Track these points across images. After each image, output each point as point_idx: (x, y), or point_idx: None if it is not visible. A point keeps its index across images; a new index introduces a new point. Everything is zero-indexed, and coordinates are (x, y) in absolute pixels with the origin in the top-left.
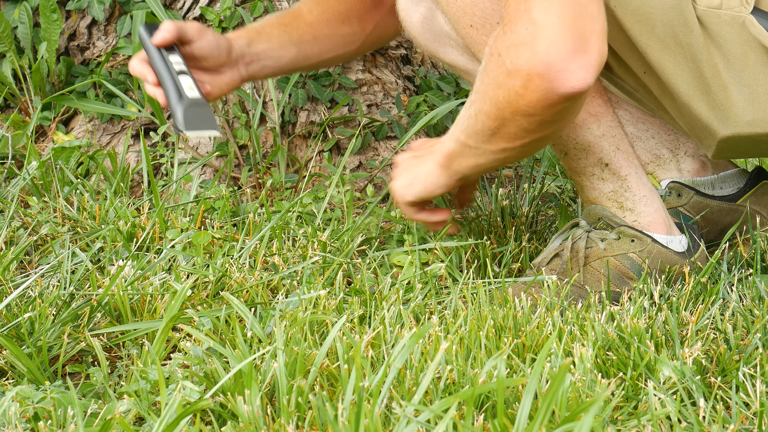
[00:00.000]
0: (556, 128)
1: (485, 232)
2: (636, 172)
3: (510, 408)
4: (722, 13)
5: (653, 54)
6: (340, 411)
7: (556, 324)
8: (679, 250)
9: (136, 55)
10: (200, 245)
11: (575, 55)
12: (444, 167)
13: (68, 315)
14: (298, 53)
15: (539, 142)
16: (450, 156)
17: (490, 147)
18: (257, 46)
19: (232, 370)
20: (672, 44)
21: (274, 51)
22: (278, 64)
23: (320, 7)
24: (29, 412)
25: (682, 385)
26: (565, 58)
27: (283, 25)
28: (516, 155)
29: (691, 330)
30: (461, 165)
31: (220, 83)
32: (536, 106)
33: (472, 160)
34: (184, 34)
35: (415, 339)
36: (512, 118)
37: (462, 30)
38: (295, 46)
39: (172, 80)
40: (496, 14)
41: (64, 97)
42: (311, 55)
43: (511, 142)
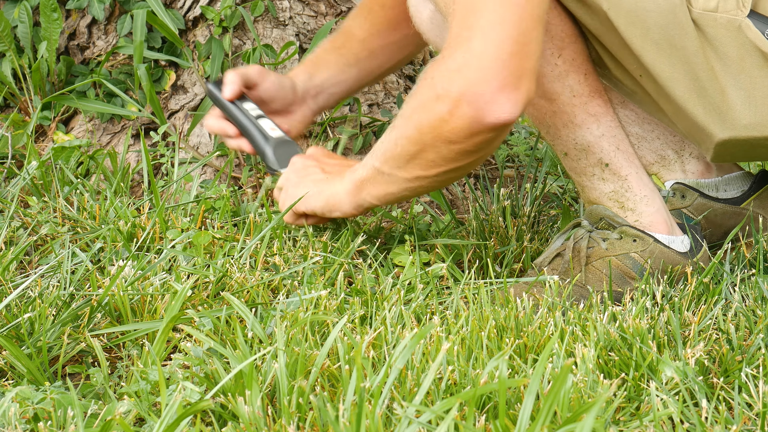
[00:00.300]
0: (473, 160)
1: (487, 232)
2: (637, 172)
3: (512, 409)
4: (718, 16)
5: (648, 57)
6: (341, 412)
7: (557, 324)
8: (682, 251)
9: (210, 113)
10: (201, 245)
11: (505, 89)
12: (352, 195)
13: (68, 315)
14: (359, 72)
15: (453, 172)
16: (360, 183)
17: (404, 174)
18: (318, 76)
19: (232, 370)
20: (667, 47)
21: (336, 77)
22: (343, 88)
23: (368, 21)
24: (29, 412)
25: (685, 386)
26: (495, 91)
27: (337, 49)
28: (427, 186)
29: (694, 330)
30: (370, 193)
31: (294, 122)
32: (459, 134)
33: (382, 187)
34: (247, 80)
35: (416, 339)
36: (433, 144)
37: None
38: (354, 67)
39: (254, 126)
40: None
41: (64, 97)
42: (372, 70)
43: (426, 170)
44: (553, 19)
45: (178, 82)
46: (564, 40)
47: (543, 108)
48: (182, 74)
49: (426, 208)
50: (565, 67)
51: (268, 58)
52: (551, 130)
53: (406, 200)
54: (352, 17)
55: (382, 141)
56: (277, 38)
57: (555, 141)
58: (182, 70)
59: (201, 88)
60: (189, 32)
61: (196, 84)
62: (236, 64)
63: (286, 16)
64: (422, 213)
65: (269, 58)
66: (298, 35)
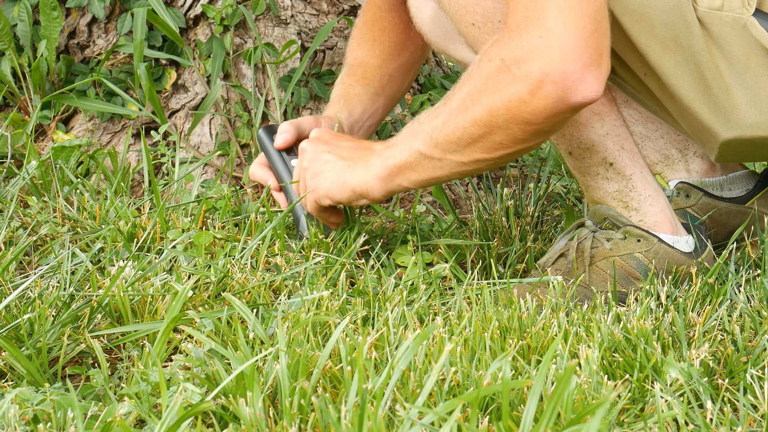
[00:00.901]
0: (541, 140)
1: (490, 232)
2: (641, 171)
3: (515, 410)
4: (723, 14)
5: (653, 55)
6: (343, 413)
7: (561, 325)
8: (686, 251)
9: (256, 160)
10: (202, 245)
11: (590, 67)
12: (383, 180)
13: (68, 316)
14: (385, 99)
15: (516, 154)
16: (398, 168)
17: (460, 158)
18: (356, 112)
19: (234, 371)
20: (672, 45)
21: (370, 109)
22: (377, 119)
23: (377, 47)
24: (29, 414)
25: (689, 387)
26: (583, 69)
27: (361, 80)
28: (481, 168)
29: (698, 331)
30: (408, 178)
31: None
32: (540, 114)
33: (428, 172)
34: (301, 131)
35: (419, 340)
36: (505, 125)
37: (464, 29)
38: (381, 96)
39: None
40: (498, 12)
41: (63, 96)
42: (395, 95)
43: (490, 153)
44: None
45: (179, 81)
46: None
47: None
48: (183, 73)
49: (429, 208)
50: None
51: (270, 57)
52: None
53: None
54: (358, 47)
55: (422, 124)
56: (279, 37)
57: (559, 140)
58: (183, 69)
59: (202, 87)
60: (190, 31)
61: (197, 83)
62: (237, 62)
63: (287, 15)
64: (425, 213)
65: (270, 57)
66: (299, 34)
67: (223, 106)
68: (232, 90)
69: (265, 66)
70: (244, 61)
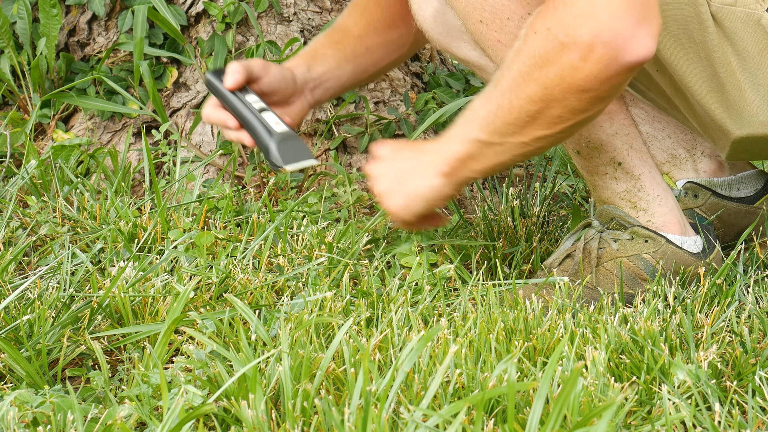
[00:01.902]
0: (600, 108)
1: (495, 232)
2: (650, 171)
3: (521, 413)
4: (737, 10)
5: (666, 51)
6: (346, 416)
7: (568, 327)
8: (694, 251)
9: (208, 102)
10: (203, 246)
11: (641, 23)
12: (449, 176)
13: (68, 317)
14: (354, 68)
15: (577, 126)
16: (460, 161)
17: (520, 139)
18: (316, 69)
19: (236, 373)
20: (685, 41)
21: (333, 71)
22: (338, 83)
23: (364, 18)
24: (28, 416)
25: (697, 390)
26: (633, 26)
27: (335, 43)
28: (544, 146)
29: (706, 333)
30: (474, 168)
31: (292, 114)
32: (595, 79)
33: (491, 159)
34: (250, 72)
35: (423, 342)
36: (562, 97)
37: (471, 26)
38: (350, 63)
39: (257, 119)
40: (506, 9)
41: (63, 94)
42: (367, 67)
43: (550, 128)
44: None
45: (180, 80)
46: None
47: None
48: (184, 71)
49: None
50: None
51: (272, 55)
52: None
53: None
54: (348, 14)
55: (476, 112)
56: (281, 34)
57: (567, 139)
58: (184, 67)
59: (203, 86)
60: (191, 28)
61: (199, 81)
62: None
63: (290, 12)
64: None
65: (273, 55)
66: (302, 31)
67: None
68: None
69: None
70: (246, 59)
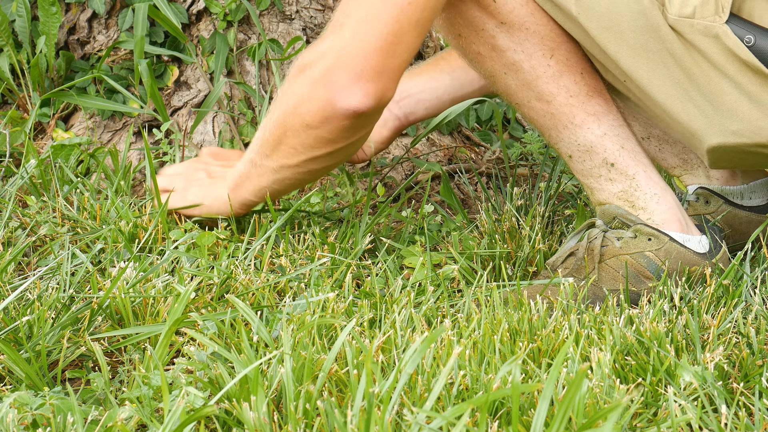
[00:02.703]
0: (331, 151)
1: (500, 232)
2: (645, 170)
3: (525, 415)
4: (695, 22)
5: (625, 62)
6: (349, 418)
7: (572, 328)
8: (699, 251)
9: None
10: (204, 246)
11: (360, 80)
12: (234, 192)
13: (68, 318)
14: (452, 81)
15: (314, 163)
16: (240, 179)
17: (270, 163)
18: (405, 83)
19: (237, 375)
20: (642, 51)
21: (425, 83)
22: (433, 96)
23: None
24: (27, 419)
25: (704, 391)
26: (351, 79)
27: (432, 62)
28: (293, 179)
29: (713, 334)
30: (247, 189)
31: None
32: (316, 115)
33: (255, 181)
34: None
35: (426, 343)
36: (294, 127)
37: (453, 41)
38: (447, 75)
39: None
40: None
41: (63, 93)
42: (468, 81)
43: (289, 158)
44: (540, 20)
45: (182, 78)
46: (555, 41)
47: (541, 110)
48: (185, 70)
49: (437, 208)
50: (558, 67)
51: (274, 54)
52: (553, 132)
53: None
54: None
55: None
56: (284, 33)
57: (558, 144)
58: (185, 65)
59: (205, 84)
60: (192, 27)
61: (200, 80)
62: (241, 59)
63: (292, 10)
64: (433, 213)
65: (275, 54)
66: (305, 30)
67: (227, 104)
68: (235, 87)
69: (269, 63)
70: (247, 57)
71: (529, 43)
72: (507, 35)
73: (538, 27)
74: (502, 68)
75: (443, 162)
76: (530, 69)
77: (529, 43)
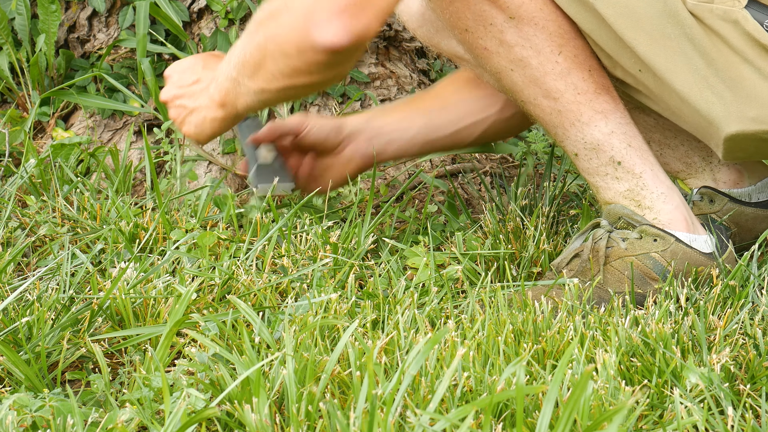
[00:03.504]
0: (307, 82)
1: (504, 233)
2: (652, 169)
3: (530, 417)
4: (714, 7)
5: (642, 48)
6: (352, 420)
7: (577, 329)
8: (705, 251)
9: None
10: (206, 246)
11: (341, 15)
12: (224, 105)
13: (68, 319)
14: (426, 123)
15: (294, 90)
16: (227, 94)
17: (252, 85)
18: (378, 120)
19: (239, 377)
20: (660, 37)
21: (398, 123)
22: (405, 136)
23: (447, 78)
24: (27, 421)
25: (710, 393)
26: (331, 12)
27: (409, 101)
28: (275, 99)
29: (719, 335)
30: (237, 103)
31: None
32: (292, 47)
33: (241, 99)
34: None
35: (430, 345)
36: (272, 54)
37: (459, 36)
38: (421, 117)
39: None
40: (487, 15)
41: (63, 92)
42: (442, 125)
43: (268, 83)
44: (549, 15)
45: None
46: (563, 37)
47: (547, 107)
48: None
49: (440, 208)
50: (566, 64)
51: None
52: (559, 130)
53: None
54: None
55: (235, 50)
56: None
57: (565, 141)
58: None
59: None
60: (194, 25)
61: None
62: None
63: None
64: (437, 213)
65: None
66: None
67: None
68: None
69: None
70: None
71: (538, 39)
72: (516, 30)
73: (547, 22)
74: (509, 64)
75: (447, 161)
76: (538, 65)
77: (538, 38)
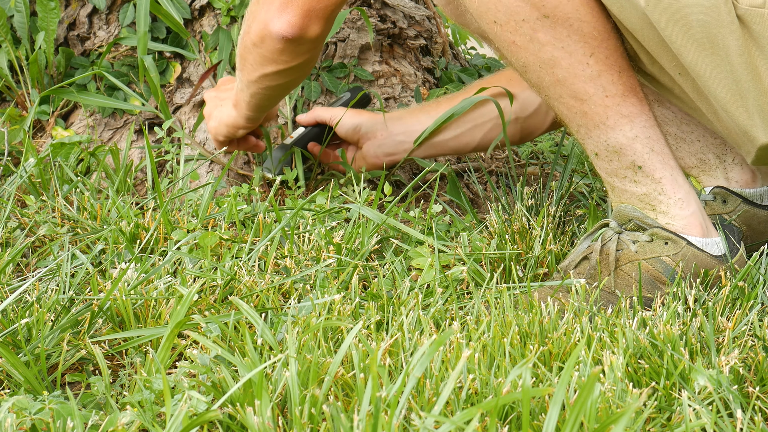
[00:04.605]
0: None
1: (510, 233)
2: (672, 174)
3: (536, 419)
4: (766, 12)
5: (689, 56)
6: (355, 422)
7: (584, 330)
8: (716, 254)
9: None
10: (207, 247)
11: (285, 10)
12: (236, 106)
13: (68, 321)
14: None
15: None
16: (236, 93)
17: (243, 77)
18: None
19: (241, 379)
20: (709, 45)
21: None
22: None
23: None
24: (26, 423)
25: (719, 395)
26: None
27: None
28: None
29: (728, 337)
30: (242, 101)
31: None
32: (256, 35)
33: (241, 95)
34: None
35: (435, 346)
36: (246, 44)
37: (486, 26)
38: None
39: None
40: (520, 11)
41: (63, 90)
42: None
43: (249, 74)
44: (585, 16)
45: (184, 75)
46: (596, 38)
47: (574, 108)
48: (188, 66)
49: (446, 208)
50: (597, 67)
51: None
52: (581, 129)
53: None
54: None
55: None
56: None
57: (586, 140)
58: (188, 62)
59: (208, 81)
60: (195, 22)
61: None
62: None
63: None
64: (441, 213)
65: None
66: None
67: None
68: None
69: None
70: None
71: (571, 40)
72: (549, 29)
73: (582, 24)
74: (538, 61)
75: (452, 160)
76: (568, 66)
77: (571, 40)
